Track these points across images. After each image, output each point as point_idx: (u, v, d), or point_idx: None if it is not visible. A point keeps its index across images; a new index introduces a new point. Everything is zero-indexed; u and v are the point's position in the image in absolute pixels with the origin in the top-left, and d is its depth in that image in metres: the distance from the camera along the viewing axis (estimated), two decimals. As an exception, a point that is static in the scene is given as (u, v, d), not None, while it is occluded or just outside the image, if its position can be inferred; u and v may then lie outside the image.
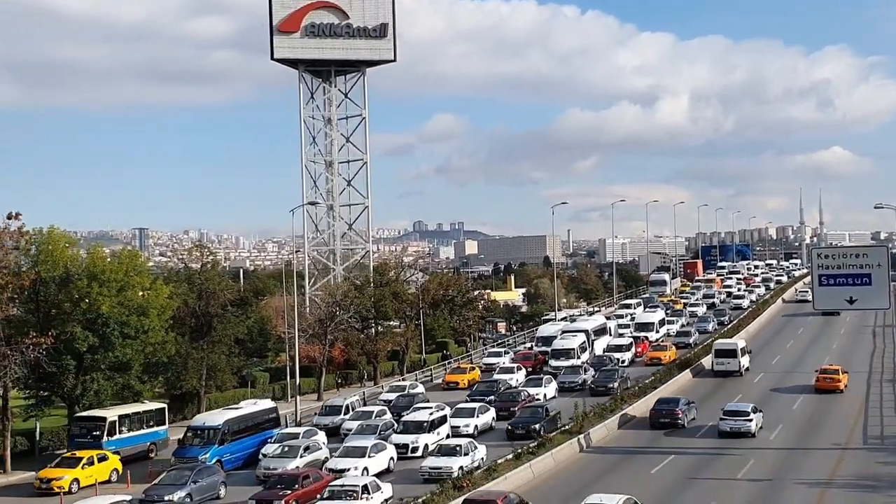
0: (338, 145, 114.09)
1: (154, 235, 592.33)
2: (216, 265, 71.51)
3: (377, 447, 46.10)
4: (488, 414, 55.76)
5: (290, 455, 45.93)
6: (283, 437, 50.12)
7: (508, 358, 78.56)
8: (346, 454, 45.34)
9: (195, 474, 41.61)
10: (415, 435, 49.56)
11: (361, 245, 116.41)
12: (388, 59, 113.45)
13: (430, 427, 50.58)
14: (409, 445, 48.60)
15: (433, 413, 52.12)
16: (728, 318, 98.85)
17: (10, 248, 52.32)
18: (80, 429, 50.80)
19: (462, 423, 53.54)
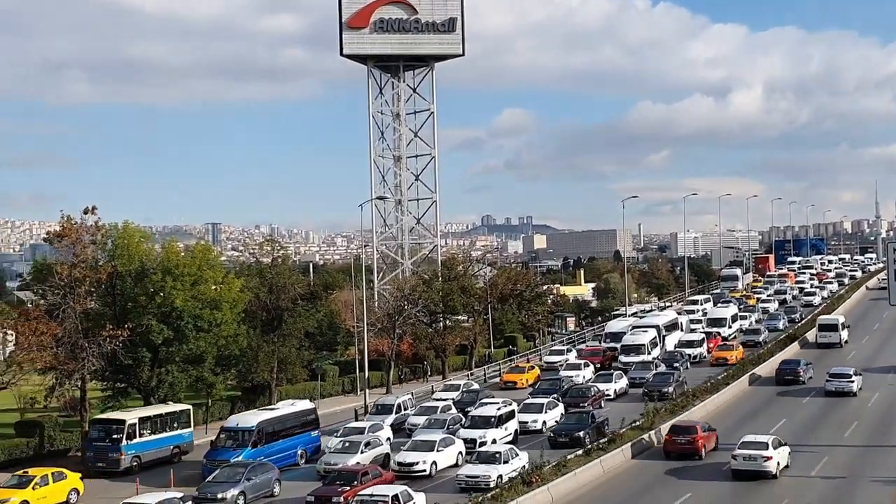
0: (406, 140, 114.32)
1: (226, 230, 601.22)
2: (286, 259, 72.19)
3: (446, 441, 45.80)
4: (557, 409, 55.32)
5: (350, 450, 45.43)
6: (349, 431, 49.73)
7: (572, 355, 77.62)
8: (414, 448, 45.08)
9: (249, 471, 40.81)
10: (482, 430, 49.05)
11: (429, 239, 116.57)
12: (457, 53, 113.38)
13: (498, 422, 50.01)
14: (477, 440, 48.05)
15: (501, 408, 51.62)
16: (799, 315, 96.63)
17: (88, 243, 53.51)
18: (98, 432, 48.35)
19: (530, 418, 53.22)
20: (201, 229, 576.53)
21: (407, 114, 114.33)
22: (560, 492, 38.87)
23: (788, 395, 61.18)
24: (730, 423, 52.04)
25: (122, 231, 55.62)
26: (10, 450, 49.60)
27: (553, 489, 38.53)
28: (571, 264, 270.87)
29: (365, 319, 64.31)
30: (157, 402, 55.22)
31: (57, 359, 49.93)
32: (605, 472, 42.66)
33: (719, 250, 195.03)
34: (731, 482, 40.93)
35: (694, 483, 40.59)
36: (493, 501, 35.72)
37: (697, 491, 39.24)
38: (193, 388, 58.85)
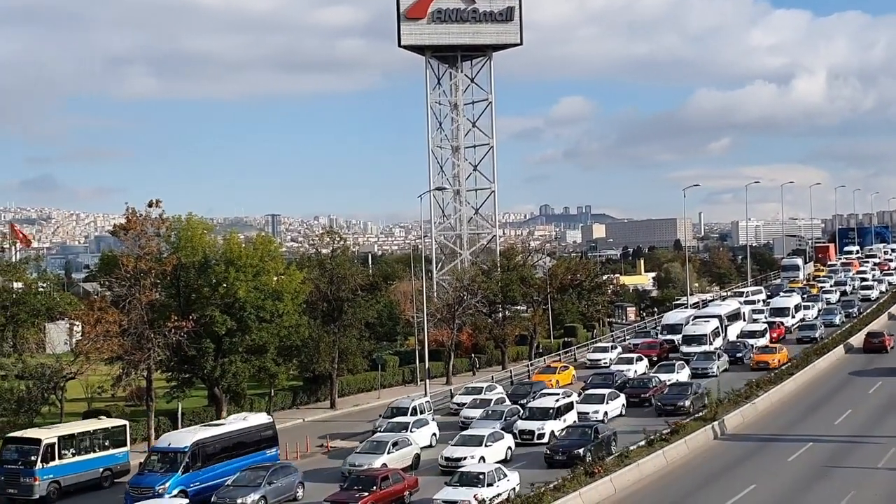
0: (464, 130, 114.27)
1: (286, 221, 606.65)
2: (346, 250, 72.53)
3: (494, 436, 44.69)
4: (618, 401, 54.79)
5: (377, 450, 43.31)
6: (393, 426, 48.42)
7: (616, 353, 75.76)
8: (462, 443, 44.15)
9: (270, 475, 38.69)
10: (540, 422, 48.51)
11: (488, 229, 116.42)
12: (515, 42, 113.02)
13: (557, 414, 49.45)
14: (535, 432, 47.63)
15: (559, 399, 51.08)
16: (857, 308, 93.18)
17: (152, 235, 54.29)
18: (10, 453, 41.73)
19: (591, 409, 52.68)
20: (261, 220, 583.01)
21: (465, 104, 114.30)
22: (623, 482, 38.62)
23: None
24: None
25: (185, 223, 56.24)
26: (79, 438, 50.46)
27: (616, 480, 38.30)
28: (631, 254, 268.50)
29: (424, 310, 64.35)
30: (221, 392, 55.86)
31: (123, 349, 50.79)
32: (669, 463, 42.32)
33: (782, 239, 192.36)
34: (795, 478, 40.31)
35: (758, 474, 40.07)
36: (556, 492, 35.61)
37: (762, 482, 38.72)
38: (256, 379, 59.49)
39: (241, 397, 57.94)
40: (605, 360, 73.57)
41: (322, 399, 65.89)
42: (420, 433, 48.37)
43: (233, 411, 58.22)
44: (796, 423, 50.27)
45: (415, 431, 47.94)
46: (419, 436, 47.93)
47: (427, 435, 49.19)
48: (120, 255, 54.72)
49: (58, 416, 47.96)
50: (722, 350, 71.35)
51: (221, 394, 55.79)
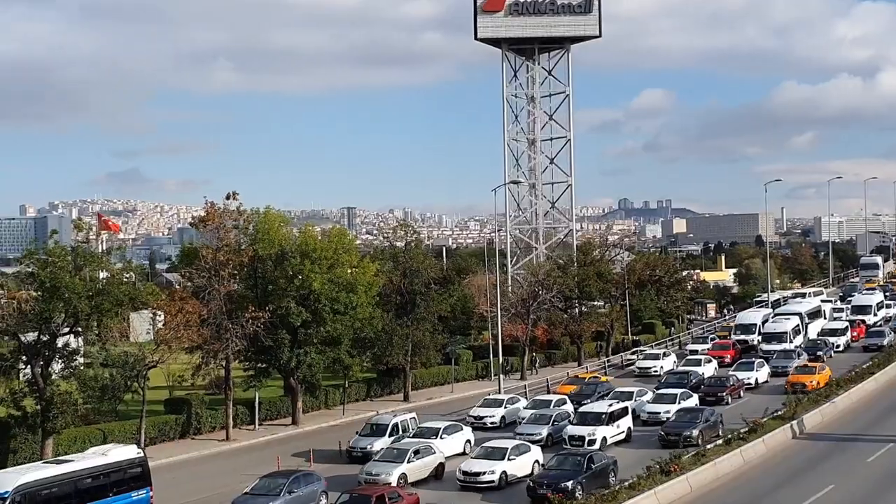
0: (541, 123, 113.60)
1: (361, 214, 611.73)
2: (420, 243, 72.73)
3: (519, 448, 41.44)
4: (691, 401, 53.57)
5: (397, 459, 40.76)
6: (423, 431, 46.38)
7: (670, 360, 72.50)
8: (484, 455, 40.82)
9: (291, 482, 36.35)
10: (591, 427, 46.07)
11: (564, 223, 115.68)
12: (593, 34, 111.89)
13: (609, 419, 46.95)
14: (586, 438, 45.18)
15: (612, 404, 48.99)
16: None
17: (231, 228, 55.18)
18: None
19: (662, 409, 51.55)
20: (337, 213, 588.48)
21: (542, 96, 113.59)
22: (699, 481, 38.06)
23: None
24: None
25: (262, 215, 57.04)
26: (161, 426, 51.72)
27: (692, 479, 37.77)
28: (712, 249, 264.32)
29: (498, 304, 64.22)
30: (297, 383, 56.39)
31: (203, 338, 51.73)
32: (746, 462, 41.64)
33: (865, 235, 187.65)
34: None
35: (837, 474, 39.23)
36: (631, 490, 35.30)
37: (840, 483, 37.90)
38: (331, 370, 60.07)
39: (317, 388, 58.61)
40: (657, 368, 70.69)
41: (395, 392, 66.27)
42: (450, 440, 45.74)
43: (308, 402, 59.07)
44: (876, 424, 49.02)
45: (445, 438, 45.42)
46: (449, 443, 45.42)
47: (459, 442, 46.33)
48: (200, 247, 55.77)
49: (140, 403, 49.03)
50: (802, 348, 69.93)
51: (297, 384, 56.48)
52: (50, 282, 43.50)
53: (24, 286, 47.35)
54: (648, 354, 75.72)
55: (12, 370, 44.72)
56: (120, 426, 49.85)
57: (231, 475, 43.04)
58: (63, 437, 45.34)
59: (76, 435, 46.84)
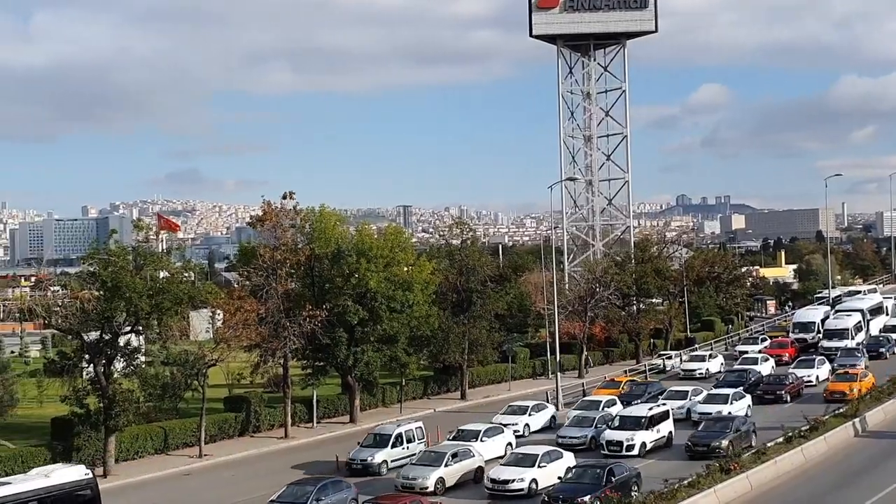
0: (597, 119, 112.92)
1: (417, 212, 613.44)
2: (476, 241, 72.66)
3: (550, 455, 39.78)
4: (743, 401, 52.26)
5: (434, 463, 39.69)
6: (463, 434, 45.09)
7: (717, 362, 70.28)
8: (514, 462, 39.56)
9: (318, 490, 35.20)
10: (630, 432, 44.45)
11: (621, 220, 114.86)
12: (649, 30, 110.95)
13: (650, 423, 45.21)
14: (624, 443, 43.81)
15: (653, 408, 47.15)
16: None
17: (287, 227, 55.60)
18: None
19: (713, 409, 50.18)
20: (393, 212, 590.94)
21: (598, 93, 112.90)
22: (760, 480, 37.50)
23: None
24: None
25: (319, 214, 57.36)
26: (220, 424, 52.25)
27: (752, 477, 37.23)
28: (771, 245, 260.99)
29: (555, 302, 63.88)
30: (354, 381, 56.65)
31: (261, 336, 52.16)
32: (807, 460, 40.95)
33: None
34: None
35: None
36: (690, 488, 34.87)
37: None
38: (388, 368, 60.24)
39: (374, 386, 58.79)
40: (702, 370, 68.73)
41: (452, 389, 66.27)
42: (491, 443, 44.71)
43: (366, 400, 59.27)
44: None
45: (486, 441, 44.52)
46: (490, 446, 44.35)
47: (500, 445, 45.17)
48: (257, 246, 56.26)
49: (200, 401, 49.57)
50: (863, 345, 68.63)
51: (354, 382, 56.72)
52: (111, 281, 44.16)
53: (87, 286, 48.24)
54: (694, 356, 73.34)
55: (76, 369, 45.47)
56: (180, 424, 50.50)
57: (289, 473, 43.28)
58: (125, 434, 46.06)
59: (138, 432, 47.55)
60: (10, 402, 48.36)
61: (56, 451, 44.27)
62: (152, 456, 48.13)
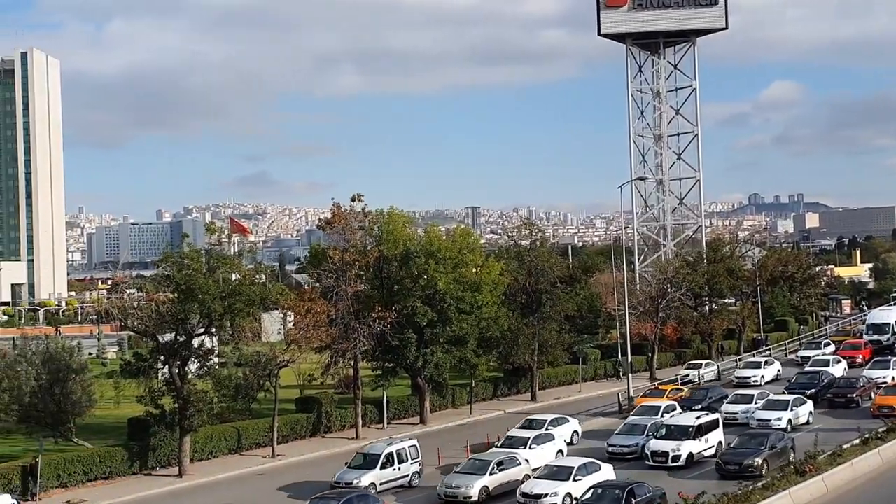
0: (667, 118, 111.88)
1: (485, 213, 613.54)
2: (545, 242, 72.30)
3: (588, 468, 37.57)
4: (805, 407, 50.23)
5: (479, 472, 38.38)
6: (511, 440, 44.03)
7: (773, 369, 67.32)
8: (548, 475, 37.31)
9: (344, 502, 34.11)
10: (677, 442, 42.11)
11: (693, 220, 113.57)
12: (719, 27, 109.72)
13: (697, 432, 42.89)
14: (669, 454, 41.54)
15: (700, 416, 44.98)
16: None
17: (356, 229, 55.92)
18: None
19: (773, 416, 48.15)
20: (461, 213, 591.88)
21: (668, 91, 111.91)
22: (835, 482, 36.67)
23: None
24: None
25: (387, 216, 57.58)
26: (292, 424, 52.73)
27: (828, 479, 36.41)
28: (846, 244, 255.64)
29: (626, 302, 63.28)
30: (424, 382, 56.73)
31: (331, 338, 52.52)
32: (884, 462, 39.94)
33: None
34: None
35: None
36: (764, 490, 34.27)
37: None
38: (457, 369, 60.23)
39: (444, 387, 58.83)
40: (757, 377, 65.17)
41: (522, 391, 66.02)
42: (540, 450, 43.14)
43: (436, 401, 59.33)
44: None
45: (534, 448, 43.08)
46: (539, 453, 42.72)
47: (551, 452, 43.58)
48: (327, 248, 56.67)
49: (272, 402, 50.07)
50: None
51: (424, 383, 56.82)
52: (185, 284, 44.82)
53: (162, 288, 49.06)
54: (749, 363, 69.95)
55: (151, 370, 46.27)
56: (253, 424, 51.07)
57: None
58: (199, 434, 46.68)
59: (212, 433, 48.21)
60: (88, 402, 49.30)
61: (133, 451, 45.16)
62: (226, 456, 48.73)
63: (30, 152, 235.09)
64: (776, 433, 42.93)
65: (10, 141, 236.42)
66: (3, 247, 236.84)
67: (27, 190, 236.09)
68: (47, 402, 47.28)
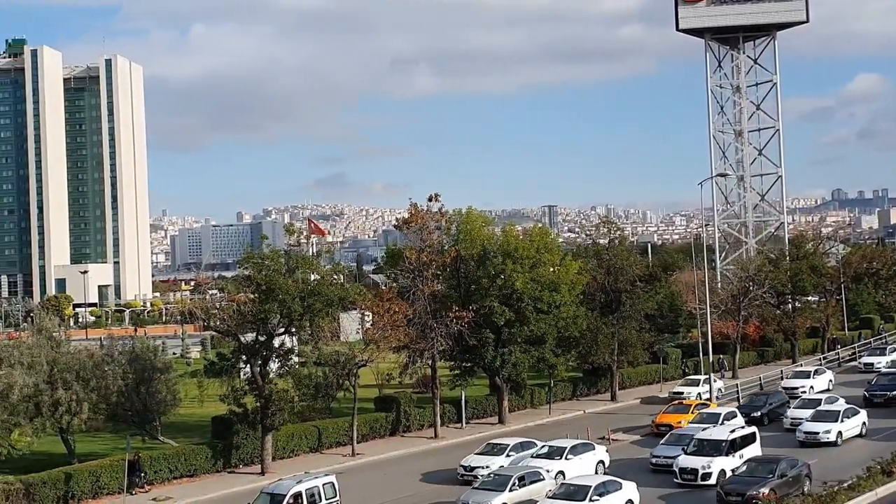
0: (747, 113, 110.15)
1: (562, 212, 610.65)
2: (623, 240, 71.60)
3: (606, 486, 34.82)
4: (857, 418, 46.98)
5: (499, 488, 35.95)
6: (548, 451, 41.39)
7: (824, 378, 63.20)
8: (564, 495, 34.40)
9: None
10: (708, 458, 39.18)
11: (775, 216, 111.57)
12: (800, 20, 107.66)
13: (731, 448, 39.81)
14: (699, 472, 38.21)
15: (735, 430, 41.67)
16: None
17: (433, 229, 56.02)
18: None
19: (821, 428, 45.35)
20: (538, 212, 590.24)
21: (748, 86, 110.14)
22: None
23: None
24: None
25: (464, 216, 57.59)
26: (371, 423, 53.09)
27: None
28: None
29: (707, 301, 62.31)
30: (502, 382, 56.59)
31: (409, 338, 52.71)
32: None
33: None
34: None
35: None
36: (850, 491, 33.50)
37: None
38: (535, 369, 59.97)
39: (522, 387, 58.63)
40: (805, 388, 60.89)
41: (602, 391, 65.48)
42: (578, 461, 40.74)
43: (514, 401, 59.16)
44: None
45: (571, 458, 40.63)
46: (577, 465, 40.34)
47: (589, 464, 41.12)
48: (404, 248, 56.88)
49: (351, 401, 50.44)
50: None
51: (502, 383, 56.70)
52: (265, 284, 45.41)
53: (243, 289, 49.77)
54: (798, 372, 65.23)
55: (233, 369, 46.94)
56: (333, 423, 51.54)
57: (439, 473, 43.56)
58: (281, 433, 47.25)
59: (293, 431, 48.75)
60: (173, 401, 50.24)
61: (216, 450, 45.91)
62: (307, 454, 49.26)
63: (115, 157, 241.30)
64: (788, 459, 37.62)
65: (96, 146, 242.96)
66: (91, 249, 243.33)
67: (113, 194, 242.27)
68: (134, 400, 48.27)
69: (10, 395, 42.18)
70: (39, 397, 44.07)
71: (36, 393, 43.91)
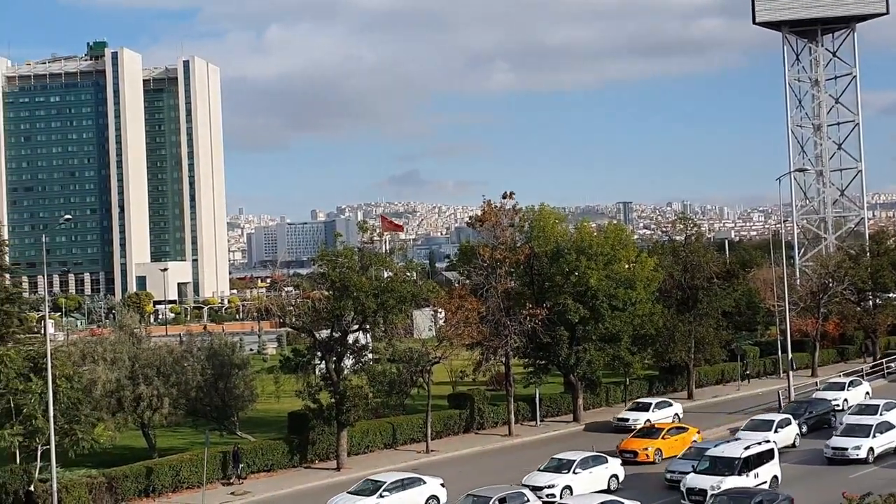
0: (826, 107, 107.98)
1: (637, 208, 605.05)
2: (700, 237, 70.66)
3: None
4: (891, 433, 43.56)
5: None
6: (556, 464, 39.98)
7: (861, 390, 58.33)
8: None
9: None
10: (719, 477, 36.00)
11: (855, 212, 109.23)
12: (881, 12, 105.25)
13: (745, 466, 36.88)
14: (708, 492, 34.59)
15: (750, 446, 38.32)
16: None
17: (507, 226, 55.93)
18: None
19: (851, 444, 42.20)
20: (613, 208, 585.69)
21: (826, 79, 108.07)
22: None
23: None
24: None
25: (538, 213, 57.37)
26: (445, 420, 53.21)
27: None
28: None
29: (786, 298, 61.20)
30: (577, 380, 56.25)
31: (482, 335, 52.70)
32: None
33: None
34: None
35: None
36: (891, 498, 32.46)
37: None
38: (611, 367, 59.52)
39: (597, 385, 58.23)
40: (838, 401, 55.55)
41: (679, 389, 64.70)
42: (587, 476, 39.18)
43: (589, 399, 58.79)
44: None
45: (580, 472, 39.13)
46: (586, 479, 38.78)
47: (601, 478, 39.54)
48: (477, 246, 56.89)
49: (425, 398, 50.64)
50: None
51: (577, 381, 56.36)
52: (340, 281, 45.84)
53: (317, 286, 50.33)
54: (832, 383, 60.12)
55: (308, 365, 47.46)
56: (407, 420, 51.79)
57: (513, 470, 43.50)
58: (356, 429, 47.68)
59: (367, 427, 49.13)
60: (250, 397, 51.05)
61: (293, 445, 46.47)
62: (381, 450, 49.59)
63: (193, 157, 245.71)
64: (766, 492, 34.66)
65: (174, 146, 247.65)
66: (170, 247, 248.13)
67: (191, 193, 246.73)
68: (212, 396, 49.12)
69: (94, 390, 43.35)
70: (121, 392, 45.19)
71: (118, 388, 45.06)
